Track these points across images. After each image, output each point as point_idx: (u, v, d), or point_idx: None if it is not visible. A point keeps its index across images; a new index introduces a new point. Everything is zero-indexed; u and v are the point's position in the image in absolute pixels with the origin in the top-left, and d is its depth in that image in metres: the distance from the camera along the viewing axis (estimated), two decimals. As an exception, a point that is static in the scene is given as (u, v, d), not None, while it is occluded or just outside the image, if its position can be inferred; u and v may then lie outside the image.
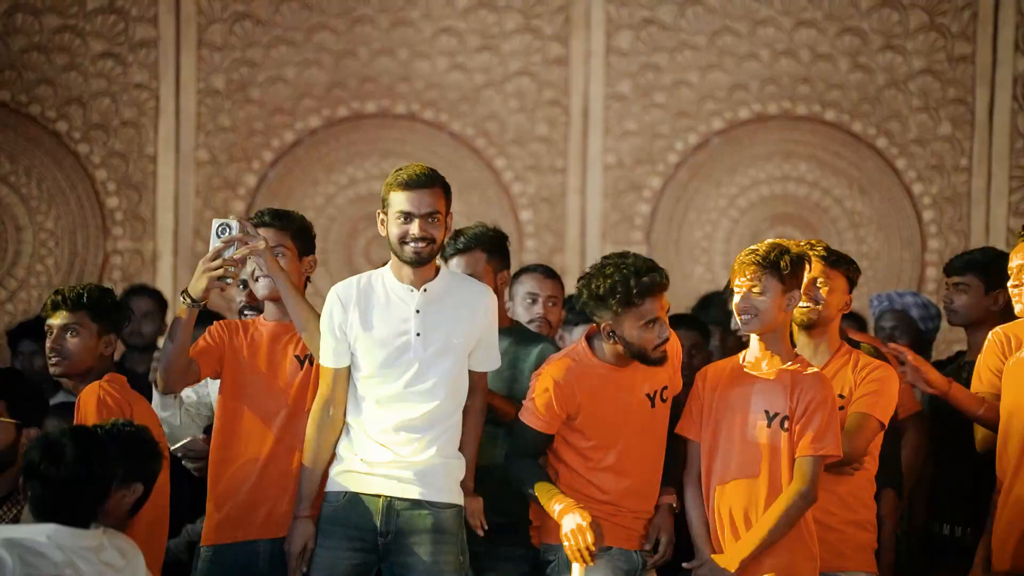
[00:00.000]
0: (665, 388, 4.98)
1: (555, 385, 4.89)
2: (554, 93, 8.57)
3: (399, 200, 4.83)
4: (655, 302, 4.84)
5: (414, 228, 4.82)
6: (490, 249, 5.38)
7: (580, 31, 8.53)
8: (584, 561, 4.83)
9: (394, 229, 4.85)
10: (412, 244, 4.83)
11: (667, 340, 4.88)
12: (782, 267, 4.85)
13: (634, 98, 8.54)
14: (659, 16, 8.54)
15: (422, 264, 4.87)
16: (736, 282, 4.90)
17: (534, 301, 5.70)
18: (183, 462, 5.42)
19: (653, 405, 4.95)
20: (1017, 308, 5.27)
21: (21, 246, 8.53)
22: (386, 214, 4.87)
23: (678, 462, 5.01)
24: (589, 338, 4.99)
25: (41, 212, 8.52)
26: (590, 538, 4.81)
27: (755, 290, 4.85)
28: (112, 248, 8.53)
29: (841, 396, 5.08)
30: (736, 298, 4.90)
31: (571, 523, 4.83)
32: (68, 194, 8.53)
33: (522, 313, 5.70)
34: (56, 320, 5.00)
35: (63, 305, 5.00)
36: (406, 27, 8.55)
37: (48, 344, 5.01)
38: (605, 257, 4.93)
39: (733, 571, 4.82)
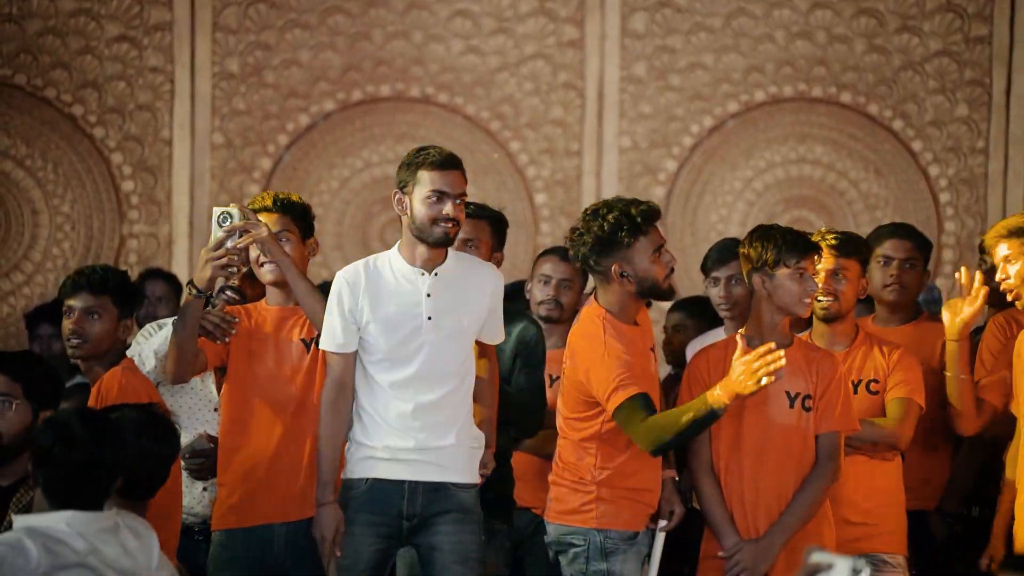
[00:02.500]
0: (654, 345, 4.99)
1: (626, 350, 4.76)
2: (569, 76, 8.55)
3: (432, 179, 4.78)
4: (657, 229, 4.84)
5: (448, 208, 4.78)
6: (493, 225, 5.41)
7: (595, 13, 8.51)
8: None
9: (423, 208, 4.79)
10: (443, 224, 4.79)
11: (674, 268, 4.87)
12: None
13: (649, 81, 8.52)
14: (674, -2, 8.52)
15: (447, 245, 4.86)
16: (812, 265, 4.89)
17: (546, 283, 5.78)
18: (185, 465, 5.19)
19: (656, 360, 4.96)
20: (1017, 303, 5.29)
21: (37, 230, 8.54)
22: (408, 193, 4.82)
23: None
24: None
25: (57, 196, 8.53)
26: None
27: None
28: (128, 232, 8.54)
29: (875, 381, 5.10)
30: (812, 280, 4.86)
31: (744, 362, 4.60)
32: (84, 178, 8.54)
33: (537, 294, 5.81)
34: (78, 302, 4.98)
35: (86, 287, 4.98)
36: (421, 10, 8.53)
37: (69, 326, 4.98)
38: (586, 209, 4.88)
39: (774, 553, 4.80)
